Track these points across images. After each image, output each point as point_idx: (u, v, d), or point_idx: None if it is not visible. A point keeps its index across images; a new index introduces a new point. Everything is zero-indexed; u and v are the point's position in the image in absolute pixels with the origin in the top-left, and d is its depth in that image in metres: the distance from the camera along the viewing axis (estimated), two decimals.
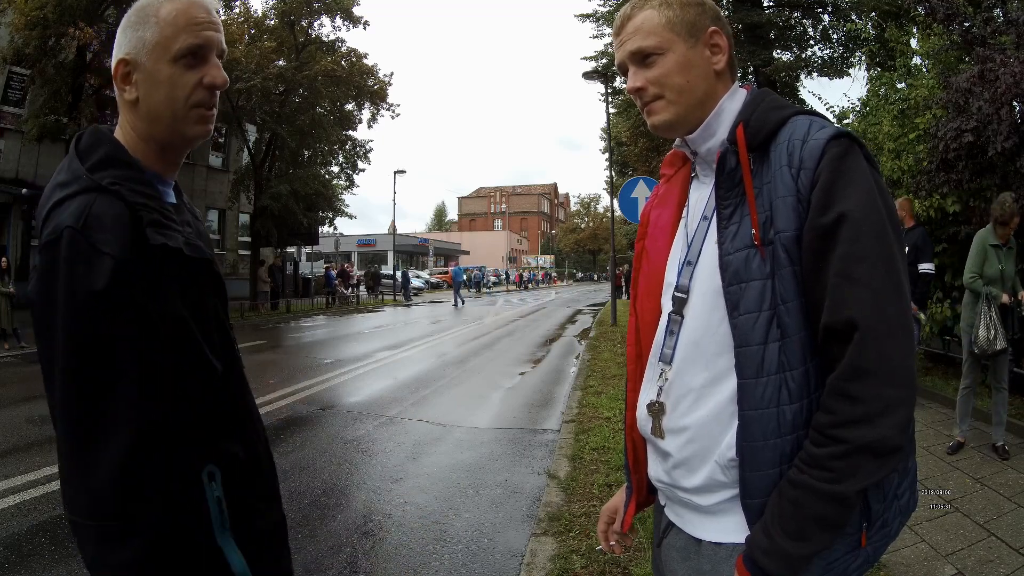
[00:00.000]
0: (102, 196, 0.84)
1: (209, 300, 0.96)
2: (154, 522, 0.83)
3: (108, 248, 0.80)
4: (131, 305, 0.82)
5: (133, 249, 0.82)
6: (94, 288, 0.79)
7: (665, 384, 0.95)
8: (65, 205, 0.83)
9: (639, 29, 0.94)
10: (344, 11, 19.30)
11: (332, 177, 22.44)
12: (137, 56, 0.91)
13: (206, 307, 0.94)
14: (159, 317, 0.85)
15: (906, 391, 0.78)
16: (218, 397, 0.94)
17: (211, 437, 0.92)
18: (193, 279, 0.92)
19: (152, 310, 0.84)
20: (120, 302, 0.81)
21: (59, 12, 12.48)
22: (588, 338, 11.47)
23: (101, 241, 0.80)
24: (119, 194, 0.85)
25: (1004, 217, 3.99)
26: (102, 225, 0.81)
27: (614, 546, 1.17)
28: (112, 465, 0.80)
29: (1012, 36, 5.38)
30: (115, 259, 0.80)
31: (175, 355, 0.87)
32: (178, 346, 0.88)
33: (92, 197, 0.83)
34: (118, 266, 0.80)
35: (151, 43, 0.90)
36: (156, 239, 0.85)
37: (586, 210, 77.14)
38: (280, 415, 5.74)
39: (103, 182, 0.85)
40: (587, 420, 5.19)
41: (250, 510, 0.97)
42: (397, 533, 3.26)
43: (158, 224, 0.87)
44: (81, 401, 0.81)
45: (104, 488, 0.81)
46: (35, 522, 3.26)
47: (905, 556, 2.74)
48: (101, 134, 0.93)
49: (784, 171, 0.85)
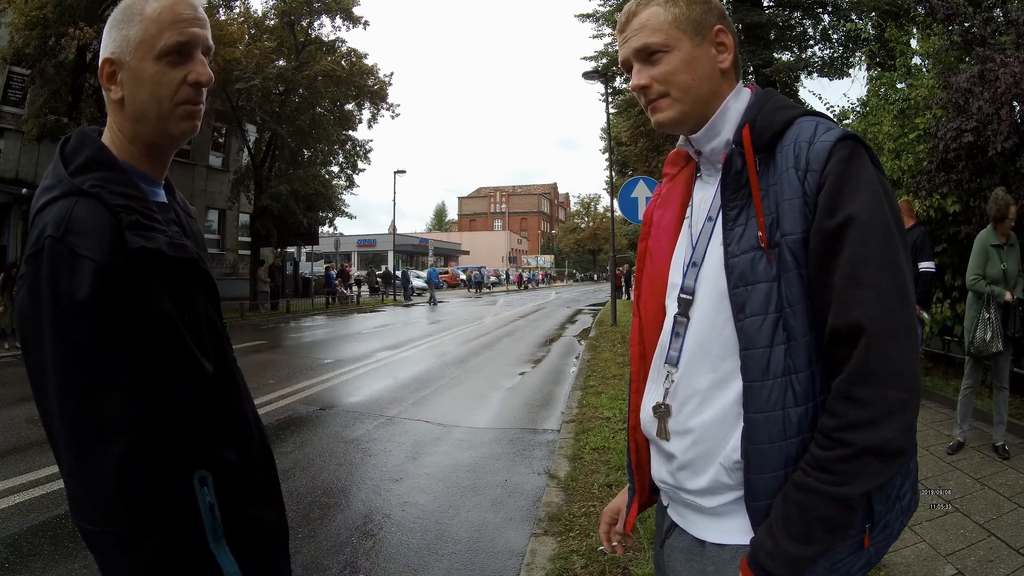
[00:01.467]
0: (82, 200, 0.83)
1: (199, 301, 0.95)
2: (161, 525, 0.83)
3: (88, 252, 0.80)
4: (115, 308, 0.81)
5: (114, 252, 0.82)
6: (77, 294, 0.79)
7: (671, 386, 0.95)
8: (48, 210, 0.84)
9: (644, 26, 0.94)
10: (344, 11, 19.27)
11: (332, 177, 22.42)
12: (122, 55, 0.90)
13: (196, 308, 0.93)
14: (144, 319, 0.84)
15: (911, 394, 0.78)
16: (210, 400, 0.93)
17: (203, 441, 0.91)
18: (179, 280, 0.91)
19: (137, 312, 0.83)
20: (104, 306, 0.80)
21: (59, 12, 12.45)
22: (588, 338, 11.46)
23: (81, 246, 0.80)
24: (99, 197, 0.84)
25: (1000, 212, 3.99)
26: (82, 230, 0.81)
27: (616, 547, 1.17)
28: (111, 471, 0.80)
29: (1012, 36, 5.38)
30: (96, 263, 0.80)
31: (163, 357, 0.86)
32: (166, 348, 0.87)
33: (72, 201, 0.83)
34: (99, 270, 0.80)
35: (135, 41, 0.89)
36: (135, 243, 0.84)
37: (586, 210, 77.13)
38: (280, 415, 5.73)
39: (84, 186, 0.84)
40: (587, 420, 5.18)
41: (244, 514, 0.96)
42: (397, 533, 3.26)
43: (138, 226, 0.86)
44: (74, 408, 0.81)
45: (107, 494, 0.81)
46: (35, 522, 3.26)
47: (905, 556, 2.74)
48: (86, 136, 0.92)
49: (790, 173, 0.84)
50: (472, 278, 37.55)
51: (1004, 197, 4.00)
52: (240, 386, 1.04)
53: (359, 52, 20.14)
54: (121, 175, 0.89)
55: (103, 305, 0.80)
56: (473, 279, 37.25)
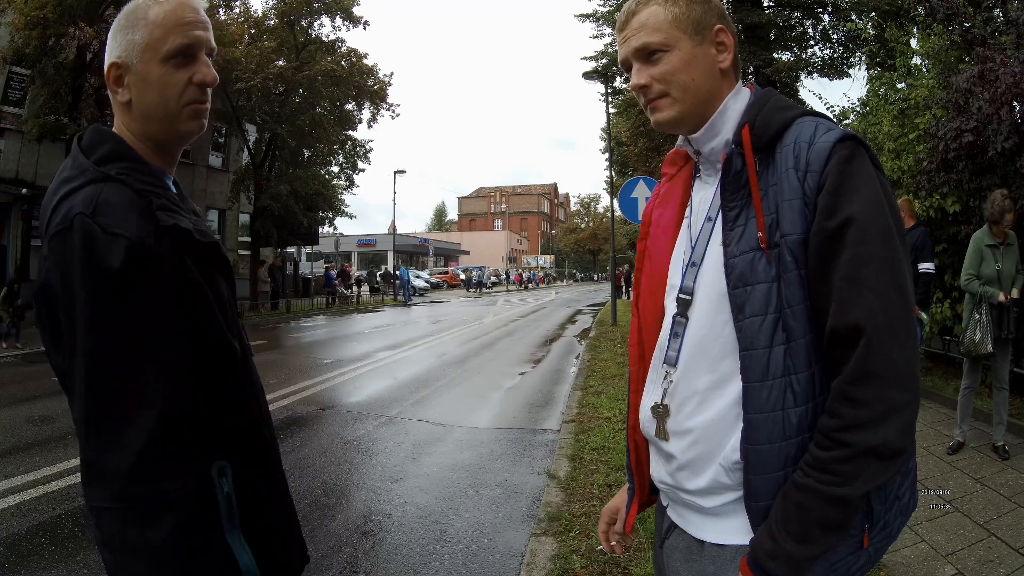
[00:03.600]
0: (110, 184, 0.85)
1: (222, 286, 0.97)
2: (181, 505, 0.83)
3: (121, 230, 0.81)
4: (150, 280, 0.82)
5: (146, 229, 0.83)
6: (112, 267, 0.80)
7: (669, 386, 0.95)
8: (72, 197, 0.84)
9: (644, 25, 0.93)
10: (344, 11, 19.28)
11: (332, 177, 22.44)
12: (128, 59, 0.92)
13: (220, 292, 0.95)
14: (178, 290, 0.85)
15: (910, 395, 0.78)
16: (236, 380, 0.94)
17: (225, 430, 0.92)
18: (205, 263, 0.93)
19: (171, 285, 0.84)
20: (138, 277, 0.81)
21: (59, 12, 12.46)
22: (588, 338, 11.46)
23: (113, 224, 0.81)
24: (126, 183, 0.86)
25: (994, 215, 3.99)
26: (113, 210, 0.82)
27: (615, 546, 1.17)
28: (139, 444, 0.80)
29: (1012, 36, 5.38)
30: (129, 239, 0.81)
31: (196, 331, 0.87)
32: (198, 323, 0.88)
33: (100, 187, 0.85)
34: (132, 246, 0.81)
35: (141, 45, 0.91)
36: (167, 220, 0.86)
37: (586, 210, 77.13)
38: (280, 415, 5.73)
39: (111, 172, 0.86)
40: (587, 420, 5.18)
41: (259, 504, 0.96)
42: (397, 533, 3.26)
43: (167, 208, 0.88)
44: (106, 381, 0.81)
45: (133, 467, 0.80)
46: (35, 522, 3.26)
47: (905, 556, 2.74)
48: (104, 131, 0.94)
49: (790, 174, 0.84)
50: (472, 278, 37.57)
51: (1002, 203, 3.98)
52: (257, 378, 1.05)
53: (359, 52, 20.18)
54: (143, 166, 0.92)
55: (138, 276, 0.81)
56: (473, 279, 37.26)
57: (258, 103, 18.10)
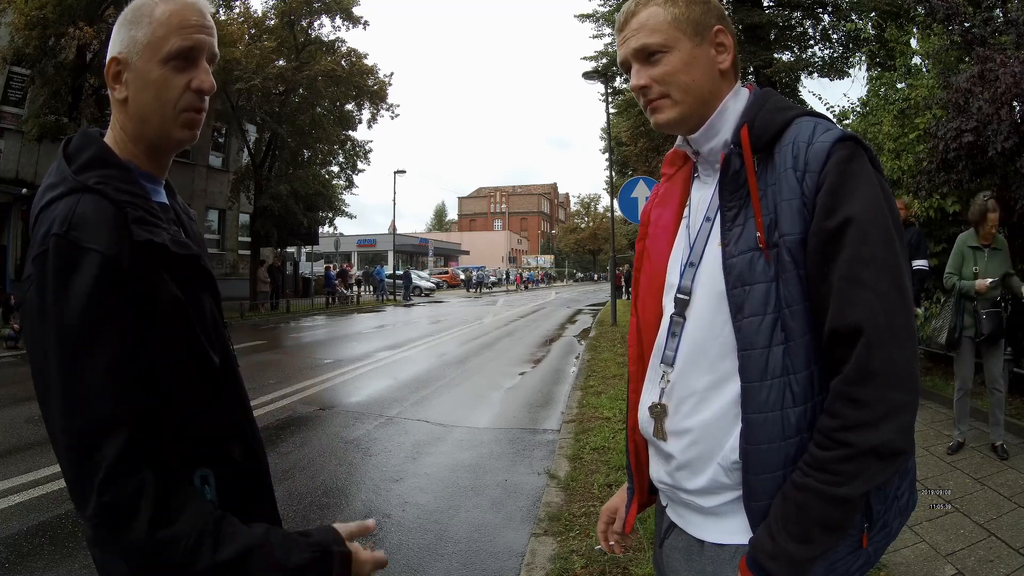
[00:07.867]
0: (87, 195, 0.84)
1: (203, 298, 0.96)
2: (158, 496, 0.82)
3: (94, 244, 0.81)
4: (121, 298, 0.81)
5: (120, 244, 0.82)
6: (82, 285, 0.79)
7: (667, 386, 0.95)
8: (53, 207, 0.84)
9: (644, 26, 0.93)
10: (344, 11, 19.28)
11: (332, 177, 22.44)
12: (128, 55, 0.91)
13: (200, 304, 0.94)
14: (154, 306, 0.84)
15: (910, 395, 0.78)
16: (216, 394, 0.93)
17: (207, 437, 0.91)
18: (183, 276, 0.91)
19: (145, 301, 0.83)
20: (109, 295, 0.81)
21: (59, 12, 12.45)
22: (588, 338, 11.46)
23: (86, 239, 0.81)
24: (104, 193, 0.85)
25: (975, 216, 4.00)
26: (87, 223, 0.82)
27: (614, 546, 1.17)
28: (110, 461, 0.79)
29: (1012, 36, 5.38)
30: (102, 254, 0.80)
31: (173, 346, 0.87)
32: (176, 336, 0.87)
33: (77, 198, 0.84)
34: (105, 260, 0.80)
35: (142, 43, 0.90)
36: (141, 235, 0.84)
37: (586, 210, 77.10)
38: (280, 415, 5.73)
39: (89, 182, 0.85)
40: (587, 420, 5.19)
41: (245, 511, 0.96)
42: (397, 533, 3.26)
43: (143, 221, 0.86)
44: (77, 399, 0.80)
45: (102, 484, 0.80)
46: (35, 522, 3.26)
47: (905, 556, 2.74)
48: (89, 136, 0.93)
49: (789, 174, 0.84)
50: (472, 278, 37.56)
51: (983, 204, 3.97)
52: (242, 385, 1.04)
53: (359, 52, 20.18)
54: (125, 173, 0.90)
55: (108, 294, 0.80)
56: (473, 279, 37.26)
57: (258, 103, 18.10)
